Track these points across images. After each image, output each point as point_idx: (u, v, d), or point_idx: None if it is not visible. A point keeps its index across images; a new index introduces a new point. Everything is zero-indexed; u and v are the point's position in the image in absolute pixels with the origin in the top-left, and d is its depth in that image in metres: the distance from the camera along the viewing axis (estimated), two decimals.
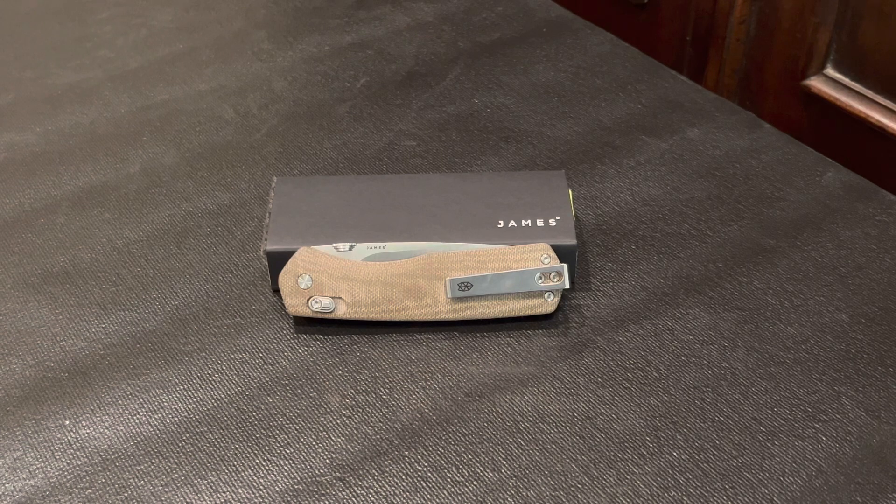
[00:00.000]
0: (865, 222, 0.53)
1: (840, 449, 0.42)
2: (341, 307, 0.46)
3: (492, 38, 0.68)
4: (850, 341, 0.46)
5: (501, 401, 0.43)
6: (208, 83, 0.65)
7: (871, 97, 0.87)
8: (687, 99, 0.62)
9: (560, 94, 0.63)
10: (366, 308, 0.46)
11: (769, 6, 0.92)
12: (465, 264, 0.46)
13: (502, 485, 0.40)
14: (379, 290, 0.46)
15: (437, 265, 0.46)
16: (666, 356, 0.45)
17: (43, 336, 0.47)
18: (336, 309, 0.46)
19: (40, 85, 0.65)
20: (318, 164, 0.58)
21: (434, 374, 0.45)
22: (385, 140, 0.59)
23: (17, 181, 0.57)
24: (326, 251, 0.47)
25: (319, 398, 0.44)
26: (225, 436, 0.42)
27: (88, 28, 0.70)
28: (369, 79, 0.65)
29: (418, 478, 0.41)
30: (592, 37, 0.68)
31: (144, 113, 0.62)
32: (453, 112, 0.62)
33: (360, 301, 0.46)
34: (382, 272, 0.46)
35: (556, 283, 0.46)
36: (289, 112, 0.62)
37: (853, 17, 0.86)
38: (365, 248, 0.47)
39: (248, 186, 0.56)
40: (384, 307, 0.46)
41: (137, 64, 0.66)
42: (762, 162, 0.57)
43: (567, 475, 0.40)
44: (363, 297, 0.46)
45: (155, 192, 0.56)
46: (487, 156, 0.58)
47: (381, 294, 0.46)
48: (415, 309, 0.46)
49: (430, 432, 0.42)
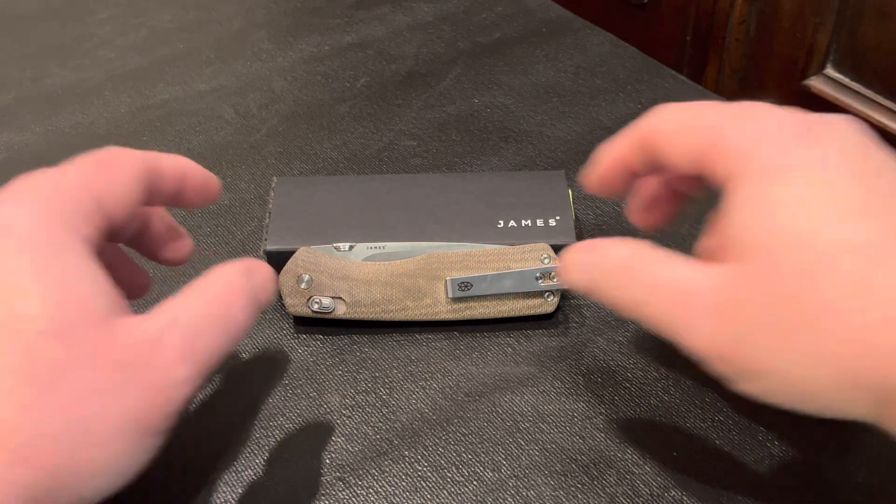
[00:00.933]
0: None
1: (840, 448, 0.42)
2: (341, 307, 0.46)
3: (492, 38, 0.68)
4: None
5: (501, 401, 0.43)
6: (208, 83, 0.65)
7: (871, 97, 0.88)
8: (687, 99, 0.62)
9: (560, 94, 0.63)
10: (365, 308, 0.46)
11: (769, 6, 0.92)
12: (464, 264, 0.46)
13: (502, 485, 0.40)
14: (378, 290, 0.46)
15: (436, 265, 0.46)
16: (666, 356, 0.45)
17: None
18: (336, 309, 0.46)
19: (40, 85, 0.65)
20: (318, 164, 0.58)
21: (434, 374, 0.45)
22: (385, 140, 0.59)
23: None
24: (326, 251, 0.47)
25: (319, 398, 0.44)
26: (224, 436, 0.42)
27: (88, 28, 0.70)
28: (369, 79, 0.65)
29: (418, 478, 0.41)
30: (592, 37, 0.68)
31: (144, 113, 0.62)
32: (453, 112, 0.62)
33: (360, 301, 0.46)
34: (382, 272, 0.46)
35: (556, 283, 0.46)
36: (289, 112, 0.62)
37: (853, 18, 0.86)
38: (365, 248, 0.47)
39: (248, 186, 0.56)
40: (384, 307, 0.46)
41: (137, 64, 0.67)
42: None
43: (567, 475, 0.40)
44: (363, 297, 0.46)
45: None
46: (487, 156, 0.58)
47: (381, 294, 0.46)
48: (415, 309, 0.46)
49: (430, 432, 0.42)
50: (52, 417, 0.30)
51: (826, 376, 0.29)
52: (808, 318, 0.29)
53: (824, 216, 0.30)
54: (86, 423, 0.30)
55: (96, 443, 0.31)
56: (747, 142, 0.33)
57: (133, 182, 0.35)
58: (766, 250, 0.31)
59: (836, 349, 0.29)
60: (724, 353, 0.32)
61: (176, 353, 0.32)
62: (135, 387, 0.31)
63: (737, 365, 0.31)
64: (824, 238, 0.30)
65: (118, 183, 0.34)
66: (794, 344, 0.30)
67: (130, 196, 0.35)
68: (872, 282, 0.29)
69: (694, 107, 0.36)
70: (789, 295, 0.30)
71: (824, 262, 0.29)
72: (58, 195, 0.32)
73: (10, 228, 0.31)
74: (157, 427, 0.32)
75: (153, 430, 0.32)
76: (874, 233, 0.29)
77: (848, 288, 0.29)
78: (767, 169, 0.32)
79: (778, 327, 0.30)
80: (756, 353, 0.30)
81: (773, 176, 0.32)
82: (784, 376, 0.30)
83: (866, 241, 0.29)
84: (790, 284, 0.30)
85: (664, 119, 0.37)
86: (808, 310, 0.29)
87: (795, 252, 0.30)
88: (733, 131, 0.33)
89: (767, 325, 0.30)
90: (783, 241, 0.30)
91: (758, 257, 0.31)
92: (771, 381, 0.31)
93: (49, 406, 0.30)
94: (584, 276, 0.37)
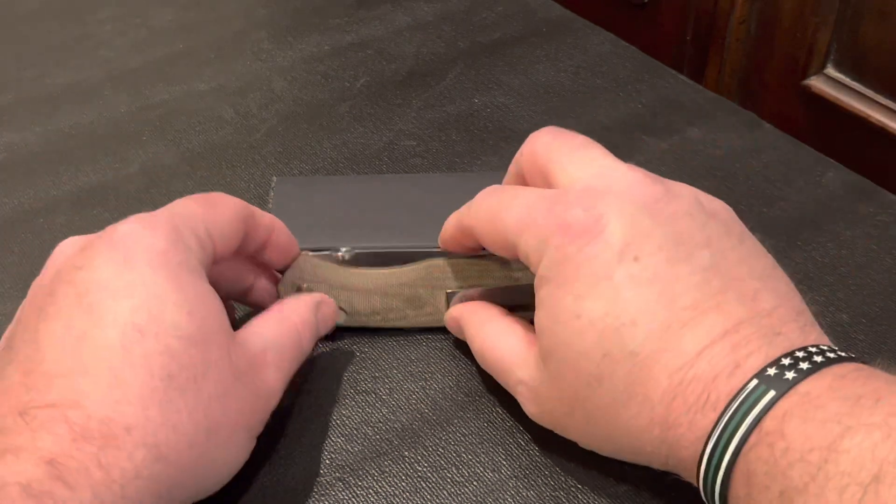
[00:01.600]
0: (866, 222, 0.53)
1: None
2: (341, 316, 0.45)
3: (492, 38, 0.68)
4: (850, 341, 0.46)
5: (501, 401, 0.43)
6: (208, 83, 0.65)
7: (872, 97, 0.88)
8: (687, 99, 0.62)
9: (560, 94, 0.63)
10: (365, 317, 0.45)
11: (770, 6, 0.92)
12: (466, 274, 0.45)
13: (502, 485, 0.40)
14: (378, 300, 0.45)
15: (437, 275, 0.45)
16: None
17: None
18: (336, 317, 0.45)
19: (39, 85, 0.65)
20: (317, 164, 0.57)
21: (434, 374, 0.45)
22: (385, 140, 0.59)
23: (16, 181, 0.56)
24: (327, 257, 0.46)
25: (319, 398, 0.44)
26: None
27: (88, 28, 0.70)
28: (369, 78, 0.65)
29: (418, 478, 0.40)
30: (592, 36, 0.68)
31: (144, 113, 0.62)
32: (453, 112, 0.62)
33: (360, 311, 0.45)
34: (381, 282, 0.45)
35: None
36: (289, 112, 0.62)
37: (854, 17, 0.86)
38: (366, 253, 0.46)
39: (248, 186, 0.56)
40: (384, 316, 0.45)
41: (137, 64, 0.66)
42: (762, 162, 0.57)
43: (567, 475, 0.40)
44: (363, 307, 0.45)
45: (154, 191, 0.56)
46: (487, 156, 0.58)
47: (381, 303, 0.45)
48: (415, 317, 0.45)
49: (431, 432, 0.42)
50: (187, 417, 0.32)
51: (616, 451, 0.37)
52: (594, 418, 0.36)
53: (603, 326, 0.34)
54: (213, 424, 0.33)
55: (218, 443, 0.34)
56: (534, 247, 0.37)
57: (236, 222, 0.39)
58: (559, 360, 0.36)
59: (618, 440, 0.36)
60: (542, 420, 0.39)
61: (273, 367, 0.38)
62: (247, 393, 0.35)
63: (554, 429, 0.39)
64: (603, 349, 0.34)
65: (225, 220, 0.38)
66: (586, 431, 0.37)
67: (234, 234, 0.39)
68: (641, 389, 0.34)
69: (501, 198, 0.40)
70: (578, 399, 0.36)
71: (604, 372, 0.34)
72: (182, 223, 0.36)
73: (148, 247, 0.35)
74: (257, 429, 0.37)
75: (255, 433, 0.37)
76: (649, 337, 0.34)
77: (621, 394, 0.34)
78: (550, 278, 0.36)
79: (574, 419, 0.37)
80: (564, 430, 0.38)
81: (556, 285, 0.36)
82: (589, 445, 0.38)
83: (640, 348, 0.34)
84: (578, 391, 0.36)
85: (477, 213, 0.41)
86: (593, 411, 0.36)
87: (581, 364, 0.35)
88: (524, 236, 0.37)
89: (567, 417, 0.37)
90: (569, 355, 0.35)
91: (554, 362, 0.36)
92: (583, 444, 0.38)
93: (186, 406, 0.33)
94: (452, 324, 0.45)
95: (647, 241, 0.35)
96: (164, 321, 0.33)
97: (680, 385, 0.33)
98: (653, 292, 0.34)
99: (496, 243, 0.40)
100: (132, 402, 0.32)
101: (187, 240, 0.36)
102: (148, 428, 0.32)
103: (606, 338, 0.34)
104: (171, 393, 0.32)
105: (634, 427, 0.35)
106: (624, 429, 0.35)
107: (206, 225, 0.37)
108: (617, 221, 0.35)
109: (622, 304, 0.34)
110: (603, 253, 0.35)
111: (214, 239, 0.38)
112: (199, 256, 0.36)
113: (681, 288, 0.34)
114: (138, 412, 0.32)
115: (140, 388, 0.32)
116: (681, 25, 1.02)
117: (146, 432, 0.31)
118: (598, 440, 0.37)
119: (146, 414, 0.32)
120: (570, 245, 0.35)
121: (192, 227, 0.37)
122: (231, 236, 0.39)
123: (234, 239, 0.39)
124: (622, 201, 0.35)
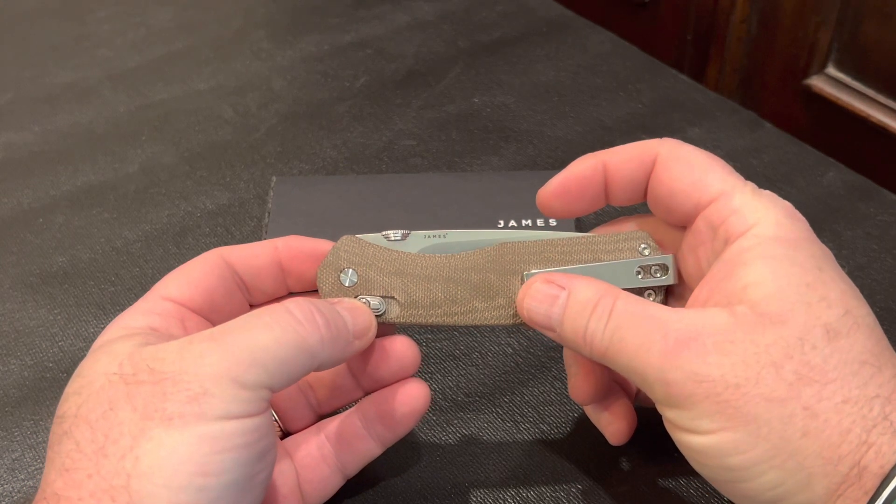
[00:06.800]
0: (867, 222, 0.53)
1: None
2: (394, 309, 0.37)
3: (492, 38, 0.68)
4: None
5: (501, 401, 0.43)
6: (207, 82, 0.64)
7: (873, 96, 0.87)
8: (688, 98, 0.62)
9: (560, 94, 0.63)
10: (424, 310, 0.37)
11: (770, 5, 0.92)
12: (545, 256, 0.38)
13: (503, 484, 0.40)
14: (440, 288, 0.37)
15: (511, 257, 0.38)
16: None
17: (41, 336, 0.47)
18: (387, 311, 0.37)
19: (39, 84, 0.64)
20: (317, 164, 0.57)
21: (434, 374, 0.45)
22: (385, 139, 0.59)
23: (15, 181, 0.56)
24: (374, 240, 0.38)
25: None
26: None
27: (87, 27, 0.70)
28: (369, 78, 0.65)
29: (418, 478, 0.40)
30: (593, 36, 0.68)
31: (143, 112, 0.62)
32: (453, 111, 0.61)
33: (418, 301, 0.37)
34: (444, 266, 0.38)
35: (661, 278, 0.37)
36: (288, 111, 0.62)
37: (854, 16, 0.86)
38: (422, 238, 0.39)
39: (248, 186, 0.56)
40: (446, 309, 0.37)
41: (136, 63, 0.66)
42: (763, 161, 0.57)
43: (567, 475, 0.40)
44: (421, 297, 0.37)
45: (154, 191, 0.56)
46: (487, 155, 0.58)
47: (443, 293, 0.37)
48: (484, 311, 0.37)
49: (430, 433, 0.42)
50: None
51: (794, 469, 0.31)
52: (803, 382, 0.31)
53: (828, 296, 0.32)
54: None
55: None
56: (762, 213, 0.35)
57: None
58: (792, 312, 0.32)
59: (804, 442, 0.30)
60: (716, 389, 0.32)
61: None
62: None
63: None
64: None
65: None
66: (786, 405, 0.31)
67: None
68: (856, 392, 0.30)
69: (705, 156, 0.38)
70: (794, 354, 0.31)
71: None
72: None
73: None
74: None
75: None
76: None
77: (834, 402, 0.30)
78: (781, 240, 0.33)
79: (780, 377, 0.31)
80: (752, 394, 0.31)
81: (790, 250, 0.33)
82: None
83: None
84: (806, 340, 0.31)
85: (673, 148, 0.38)
86: (805, 377, 0.31)
87: (813, 319, 0.32)
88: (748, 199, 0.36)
89: (770, 367, 0.31)
90: (805, 310, 0.32)
91: (783, 314, 0.32)
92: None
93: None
94: (547, 307, 0.36)
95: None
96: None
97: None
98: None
99: (678, 185, 0.37)
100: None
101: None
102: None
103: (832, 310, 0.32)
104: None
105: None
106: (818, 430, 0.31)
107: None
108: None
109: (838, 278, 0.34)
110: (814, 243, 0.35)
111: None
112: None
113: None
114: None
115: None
116: (681, 25, 1.01)
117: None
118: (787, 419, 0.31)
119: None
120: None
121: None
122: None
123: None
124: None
